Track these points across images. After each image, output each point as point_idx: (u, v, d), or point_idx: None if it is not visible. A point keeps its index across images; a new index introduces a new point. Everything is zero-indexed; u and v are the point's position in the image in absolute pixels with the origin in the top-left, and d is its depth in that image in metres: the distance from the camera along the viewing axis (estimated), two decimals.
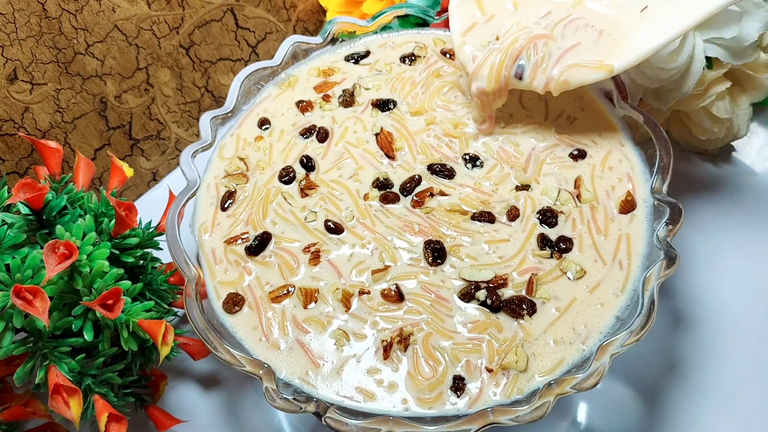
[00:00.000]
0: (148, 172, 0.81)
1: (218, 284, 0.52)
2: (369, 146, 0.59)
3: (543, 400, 0.42)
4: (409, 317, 0.48)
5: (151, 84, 0.76)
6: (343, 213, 0.54)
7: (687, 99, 0.65)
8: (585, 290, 0.48)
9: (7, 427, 0.56)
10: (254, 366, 0.45)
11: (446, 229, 0.52)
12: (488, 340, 0.47)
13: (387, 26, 0.68)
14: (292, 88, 0.64)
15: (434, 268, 0.50)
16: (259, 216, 0.55)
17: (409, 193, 0.55)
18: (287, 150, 0.59)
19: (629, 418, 0.57)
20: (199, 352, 0.59)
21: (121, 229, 0.52)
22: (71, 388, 0.47)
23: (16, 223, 0.52)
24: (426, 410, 0.45)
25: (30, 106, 0.68)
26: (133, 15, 0.71)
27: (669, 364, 0.59)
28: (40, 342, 0.50)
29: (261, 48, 0.84)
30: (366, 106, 0.62)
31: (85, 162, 0.60)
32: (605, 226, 0.51)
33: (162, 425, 0.56)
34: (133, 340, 0.50)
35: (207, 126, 0.59)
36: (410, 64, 0.65)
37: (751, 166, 0.71)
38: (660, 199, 0.50)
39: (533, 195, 0.54)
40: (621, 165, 0.55)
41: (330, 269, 0.51)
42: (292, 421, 0.60)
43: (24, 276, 0.47)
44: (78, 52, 0.69)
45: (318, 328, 0.49)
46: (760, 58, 0.65)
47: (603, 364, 0.42)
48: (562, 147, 0.57)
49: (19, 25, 0.64)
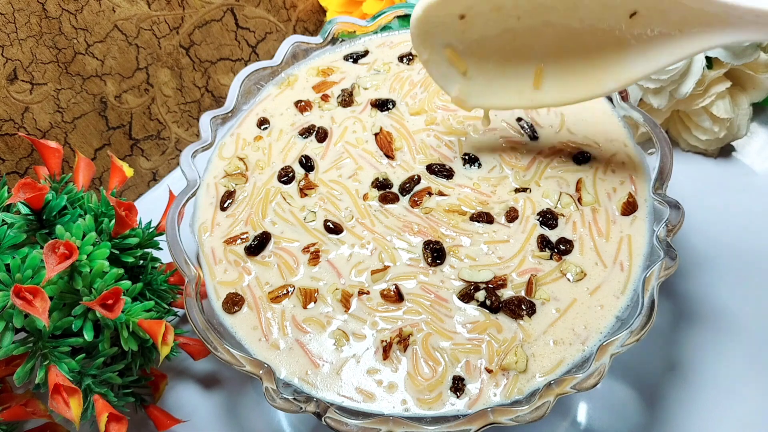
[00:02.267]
0: (148, 172, 0.81)
1: (218, 284, 0.52)
2: (368, 146, 0.59)
3: (543, 400, 0.42)
4: (408, 317, 0.48)
5: (151, 84, 0.76)
6: (342, 213, 0.54)
7: (687, 99, 0.65)
8: (585, 292, 0.48)
9: (7, 427, 0.56)
10: (254, 366, 0.45)
11: (445, 229, 0.52)
12: (488, 341, 0.47)
13: (387, 26, 0.68)
14: (291, 87, 0.64)
15: (433, 269, 0.50)
16: (258, 216, 0.55)
17: (408, 193, 0.55)
18: (286, 150, 0.59)
19: (629, 418, 0.57)
20: (199, 352, 0.59)
21: (121, 229, 0.52)
22: (71, 388, 0.47)
23: (16, 223, 0.52)
24: (425, 411, 0.45)
25: (30, 106, 0.68)
26: (133, 15, 0.71)
27: (669, 364, 0.59)
28: (40, 342, 0.50)
29: (261, 48, 0.84)
30: (365, 105, 0.62)
31: (85, 162, 0.60)
32: (606, 229, 0.51)
33: (162, 425, 0.56)
34: (133, 340, 0.50)
35: (207, 126, 0.59)
36: (408, 63, 0.65)
37: (751, 166, 0.71)
38: (660, 199, 0.50)
39: (533, 197, 0.53)
40: (624, 166, 0.55)
41: (329, 269, 0.51)
42: (292, 421, 0.60)
43: (24, 276, 0.47)
44: (78, 52, 0.69)
45: (317, 329, 0.49)
46: (760, 58, 0.65)
47: (603, 364, 0.42)
48: (566, 151, 0.56)
49: (19, 25, 0.64)
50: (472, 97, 0.52)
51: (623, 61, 0.45)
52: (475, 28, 0.48)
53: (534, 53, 0.48)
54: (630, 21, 0.41)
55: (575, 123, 0.58)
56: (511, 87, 0.50)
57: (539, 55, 0.48)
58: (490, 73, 0.50)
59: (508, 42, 0.48)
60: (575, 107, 0.59)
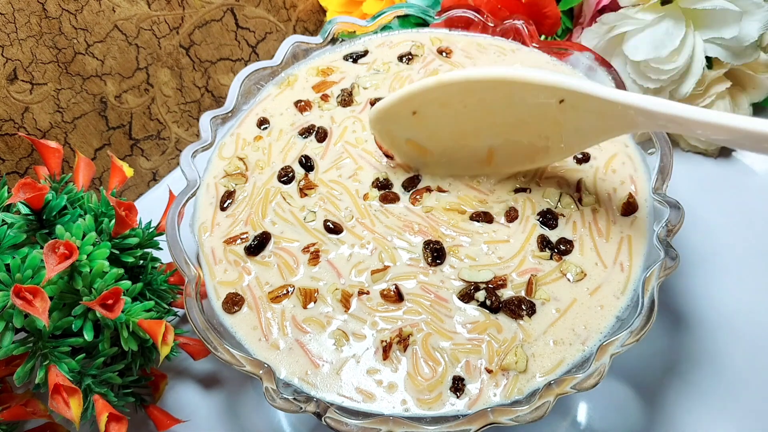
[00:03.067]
0: (148, 172, 0.81)
1: (218, 284, 0.52)
2: (368, 146, 0.59)
3: (543, 400, 0.42)
4: (408, 317, 0.48)
5: (151, 84, 0.76)
6: (342, 213, 0.54)
7: (687, 99, 0.65)
8: (585, 292, 0.48)
9: (7, 427, 0.56)
10: (254, 366, 0.45)
11: (446, 229, 0.52)
12: (488, 341, 0.47)
13: (387, 26, 0.68)
14: (291, 87, 0.64)
15: (433, 269, 0.50)
16: (258, 216, 0.55)
17: (409, 190, 0.55)
18: (286, 150, 0.59)
19: (629, 418, 0.57)
20: (199, 352, 0.59)
21: (121, 229, 0.52)
22: (71, 388, 0.47)
23: (16, 223, 0.52)
24: (425, 411, 0.45)
25: (30, 106, 0.68)
26: (133, 15, 0.71)
27: (669, 364, 0.59)
28: (40, 342, 0.50)
29: (261, 48, 0.84)
30: (364, 105, 0.62)
31: (85, 162, 0.60)
32: (607, 230, 0.51)
33: (162, 425, 0.56)
34: (133, 340, 0.50)
35: (207, 126, 0.59)
36: (407, 63, 0.65)
37: (751, 166, 0.71)
38: (660, 199, 0.50)
39: (533, 197, 0.53)
40: (624, 167, 0.55)
41: (329, 269, 0.51)
42: (292, 421, 0.60)
43: (24, 276, 0.47)
44: (78, 52, 0.69)
45: (317, 329, 0.49)
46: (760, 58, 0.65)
47: (603, 364, 0.42)
48: None
49: (19, 25, 0.64)
50: (439, 168, 0.56)
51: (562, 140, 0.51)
52: (429, 120, 0.53)
53: (485, 137, 0.53)
54: (560, 106, 0.47)
55: None
56: (469, 162, 0.55)
57: (491, 138, 0.53)
58: (450, 151, 0.55)
59: (460, 126, 0.53)
60: None
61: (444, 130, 0.53)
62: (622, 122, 0.45)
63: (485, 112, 0.51)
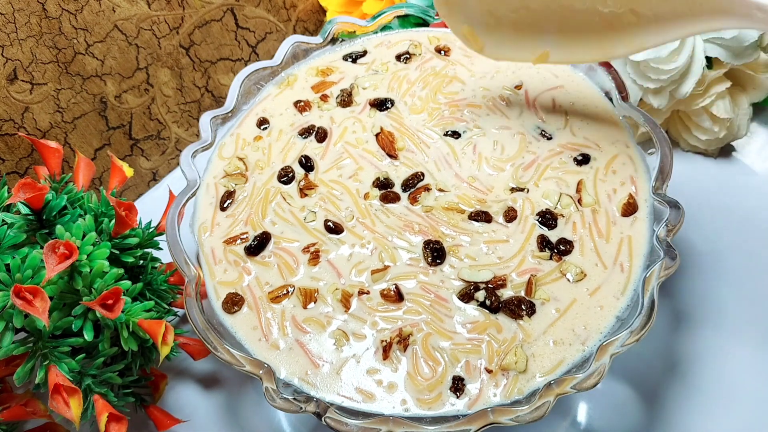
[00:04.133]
0: (148, 172, 0.81)
1: (218, 284, 0.52)
2: (368, 146, 0.59)
3: (543, 400, 0.42)
4: (408, 317, 0.48)
5: (151, 84, 0.76)
6: (342, 213, 0.54)
7: (687, 99, 0.65)
8: (585, 293, 0.48)
9: (7, 427, 0.56)
10: (254, 366, 0.45)
11: (446, 228, 0.52)
12: (488, 341, 0.47)
13: (387, 26, 0.68)
14: (291, 87, 0.64)
15: (433, 268, 0.50)
16: (258, 216, 0.55)
17: (410, 189, 0.55)
18: (286, 150, 0.59)
19: (629, 418, 0.57)
20: (199, 352, 0.59)
21: (121, 229, 0.52)
22: (71, 388, 0.47)
23: (16, 223, 0.52)
24: (425, 411, 0.45)
25: (30, 106, 0.68)
26: (133, 15, 0.71)
27: (669, 364, 0.59)
28: (40, 342, 0.50)
29: (261, 48, 0.84)
30: (364, 106, 0.62)
31: (85, 162, 0.60)
32: (607, 230, 0.51)
33: (162, 425, 0.56)
34: (133, 340, 0.50)
35: (207, 126, 0.59)
36: (405, 62, 0.65)
37: (751, 166, 0.71)
38: (660, 199, 0.50)
39: (532, 198, 0.53)
40: (625, 167, 0.55)
41: (329, 269, 0.51)
42: (292, 421, 0.60)
43: (24, 276, 0.47)
44: (78, 52, 0.69)
45: (317, 329, 0.49)
46: (760, 58, 0.65)
47: (603, 364, 0.42)
48: (567, 153, 0.56)
49: (19, 25, 0.64)
50: (486, 49, 0.56)
51: (633, 34, 0.49)
52: (495, 5, 0.52)
53: (546, 29, 0.52)
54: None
55: (580, 128, 0.58)
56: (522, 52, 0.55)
57: (551, 31, 0.52)
58: (503, 45, 0.55)
59: (522, 18, 0.52)
60: (579, 110, 0.59)
61: (506, 17, 0.53)
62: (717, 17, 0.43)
63: None
